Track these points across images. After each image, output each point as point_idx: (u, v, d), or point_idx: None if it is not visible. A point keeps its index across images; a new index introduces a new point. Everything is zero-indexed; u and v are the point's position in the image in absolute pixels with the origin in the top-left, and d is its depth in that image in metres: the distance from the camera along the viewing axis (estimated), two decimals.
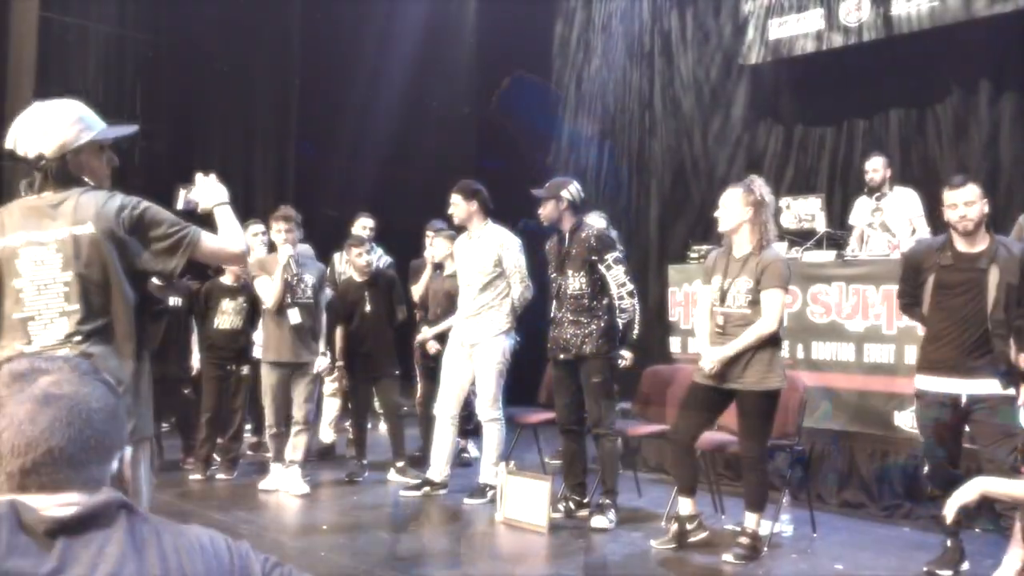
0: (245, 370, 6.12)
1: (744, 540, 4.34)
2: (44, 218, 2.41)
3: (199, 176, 2.84)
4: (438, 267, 6.59)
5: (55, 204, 2.42)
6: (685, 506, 4.52)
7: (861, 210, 6.56)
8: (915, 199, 6.37)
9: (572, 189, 5.08)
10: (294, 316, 5.61)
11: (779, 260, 4.35)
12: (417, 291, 6.70)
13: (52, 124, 2.49)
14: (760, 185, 4.39)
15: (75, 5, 9.47)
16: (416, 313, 6.68)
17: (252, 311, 6.13)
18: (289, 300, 5.62)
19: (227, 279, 6.12)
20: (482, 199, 5.55)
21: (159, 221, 2.48)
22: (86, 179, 2.52)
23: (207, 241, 2.55)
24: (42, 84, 8.81)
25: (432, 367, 6.16)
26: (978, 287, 4.03)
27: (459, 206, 5.55)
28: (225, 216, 2.74)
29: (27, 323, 2.33)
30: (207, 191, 2.80)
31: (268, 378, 5.68)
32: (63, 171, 2.47)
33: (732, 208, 4.37)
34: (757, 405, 4.29)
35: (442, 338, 6.09)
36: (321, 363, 5.80)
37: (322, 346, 5.86)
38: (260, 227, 6.83)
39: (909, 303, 4.38)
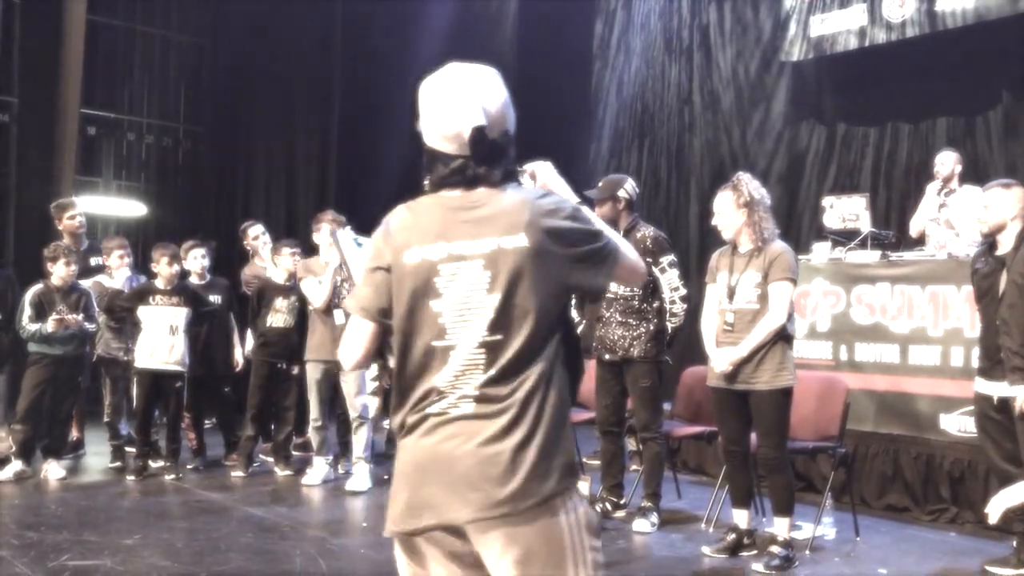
0: (295, 369, 6.17)
1: (776, 549, 4.25)
2: (468, 224, 1.84)
3: (530, 165, 2.12)
4: None
5: (479, 205, 1.85)
6: (741, 518, 4.47)
7: (929, 202, 6.37)
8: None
9: (628, 187, 4.97)
10: (340, 317, 5.70)
11: (786, 252, 4.30)
12: None
13: (499, 92, 1.90)
14: (747, 183, 4.33)
15: (122, 9, 9.65)
16: None
17: (303, 310, 6.19)
18: (336, 301, 5.70)
19: (279, 277, 6.18)
20: None
21: (588, 230, 1.90)
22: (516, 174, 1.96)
23: (625, 255, 1.95)
24: (89, 85, 9.00)
25: None
26: (996, 289, 4.12)
27: None
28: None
29: (448, 352, 1.82)
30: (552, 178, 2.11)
31: (313, 374, 5.81)
32: (507, 161, 1.92)
33: (726, 214, 4.33)
34: (771, 405, 4.23)
35: None
36: None
37: None
38: (260, 228, 6.96)
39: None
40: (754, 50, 8.65)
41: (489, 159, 1.86)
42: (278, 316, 6.11)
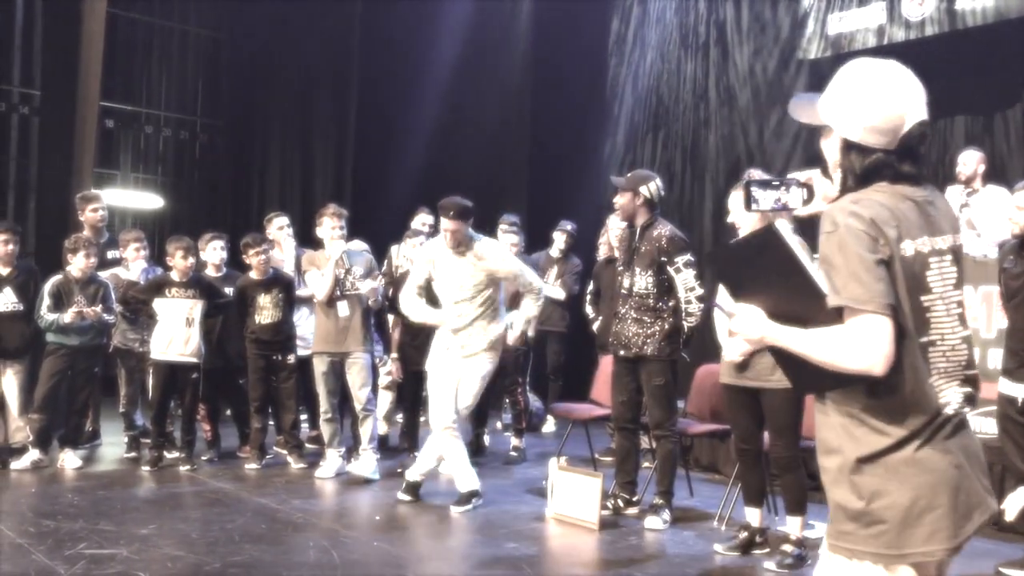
0: (291, 359, 6.20)
1: (788, 548, 4.25)
2: (935, 219, 1.87)
3: (803, 174, 2.18)
4: None
5: (930, 201, 1.88)
6: (754, 516, 4.47)
7: (951, 202, 6.30)
8: (1007, 199, 6.11)
9: (652, 186, 4.94)
10: (343, 309, 5.74)
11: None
12: None
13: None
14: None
15: (141, 3, 9.70)
16: None
17: (289, 300, 6.22)
18: (338, 293, 5.74)
19: (255, 275, 6.17)
20: (473, 214, 5.27)
21: None
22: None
23: None
24: (109, 78, 9.06)
25: None
26: None
27: (459, 231, 5.13)
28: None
29: (927, 348, 1.81)
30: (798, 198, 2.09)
31: (319, 366, 5.85)
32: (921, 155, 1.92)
33: (740, 211, 4.32)
34: (784, 404, 4.22)
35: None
36: (367, 285, 5.76)
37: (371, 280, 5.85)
38: (285, 220, 6.98)
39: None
40: (772, 48, 8.61)
41: (917, 155, 1.87)
42: (264, 313, 6.12)
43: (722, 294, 3.30)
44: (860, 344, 1.72)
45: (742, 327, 1.89)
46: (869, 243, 1.75)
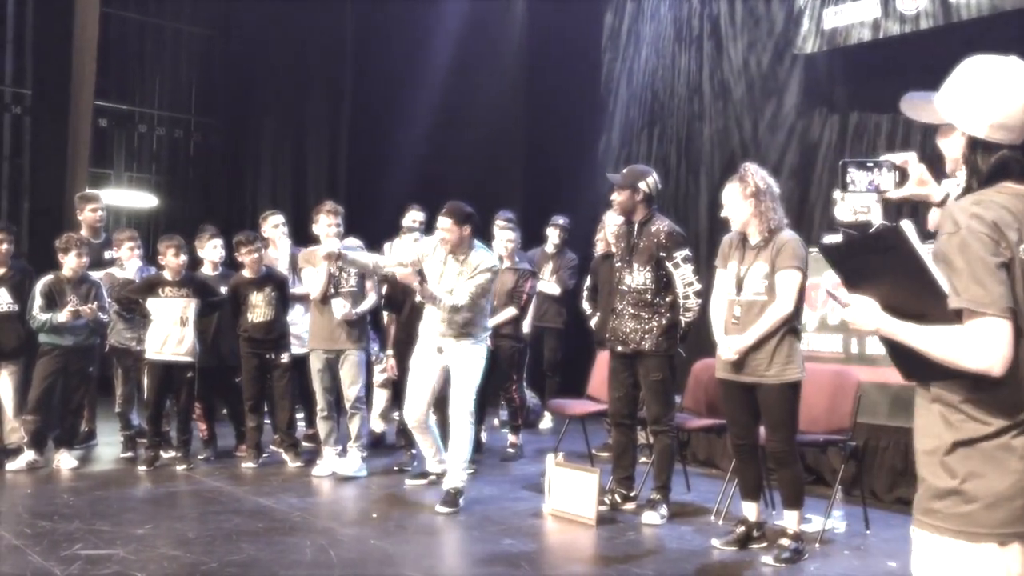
0: (285, 358, 6.19)
1: (786, 542, 4.25)
2: None
3: (899, 156, 2.23)
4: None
5: None
6: (751, 511, 4.47)
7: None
8: None
9: (650, 181, 4.95)
10: (337, 306, 5.72)
11: (794, 240, 4.27)
12: None
13: None
14: (754, 172, 4.32)
15: (134, 2, 9.67)
16: None
17: (282, 298, 6.20)
18: (333, 291, 5.73)
19: (247, 273, 6.16)
20: (474, 222, 5.22)
21: None
22: None
23: None
24: (102, 77, 9.02)
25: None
26: None
27: (453, 232, 5.08)
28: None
29: None
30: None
31: (315, 364, 5.87)
32: None
33: (734, 205, 4.31)
34: (779, 399, 4.22)
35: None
36: (339, 306, 5.69)
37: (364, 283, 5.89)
38: (280, 218, 6.96)
39: None
40: (766, 42, 8.61)
41: None
42: (257, 311, 6.10)
43: (831, 282, 3.34)
44: (980, 346, 1.74)
45: (857, 317, 1.91)
46: (991, 246, 1.76)
